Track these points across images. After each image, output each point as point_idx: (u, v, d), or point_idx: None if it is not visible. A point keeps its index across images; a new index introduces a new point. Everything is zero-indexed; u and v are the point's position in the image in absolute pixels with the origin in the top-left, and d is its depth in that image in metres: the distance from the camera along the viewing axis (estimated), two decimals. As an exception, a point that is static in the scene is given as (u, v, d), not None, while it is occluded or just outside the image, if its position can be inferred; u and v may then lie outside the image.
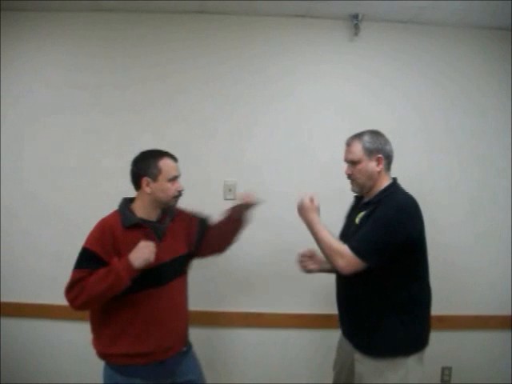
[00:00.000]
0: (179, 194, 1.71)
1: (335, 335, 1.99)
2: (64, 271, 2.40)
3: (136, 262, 1.54)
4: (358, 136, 1.79)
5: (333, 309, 1.95)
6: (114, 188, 2.37)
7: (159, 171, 1.66)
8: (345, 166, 1.83)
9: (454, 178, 2.50)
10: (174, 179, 1.69)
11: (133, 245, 1.59)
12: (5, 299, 2.42)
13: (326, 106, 2.46)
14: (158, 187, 1.66)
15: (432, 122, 2.49)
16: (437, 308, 2.45)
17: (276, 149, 2.46)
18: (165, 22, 2.42)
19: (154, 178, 1.66)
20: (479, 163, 2.50)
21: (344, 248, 1.65)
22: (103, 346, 1.69)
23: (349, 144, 1.81)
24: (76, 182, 2.44)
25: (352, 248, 1.64)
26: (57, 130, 2.44)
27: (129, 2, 2.32)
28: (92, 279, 1.57)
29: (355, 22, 2.39)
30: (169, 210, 1.75)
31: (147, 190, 1.66)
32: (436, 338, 2.47)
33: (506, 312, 2.50)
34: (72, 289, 1.59)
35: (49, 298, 2.42)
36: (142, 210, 1.70)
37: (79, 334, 2.44)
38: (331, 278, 1.94)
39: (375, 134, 1.80)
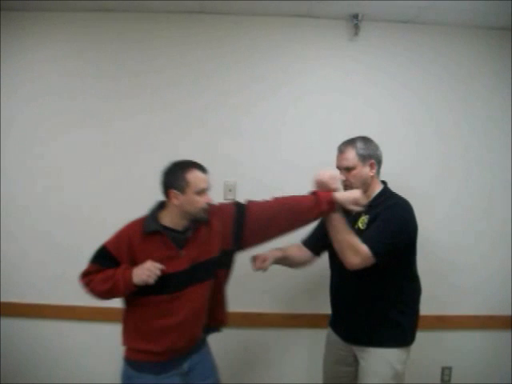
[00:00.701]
0: (208, 206, 1.67)
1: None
2: (64, 272, 2.44)
3: (135, 278, 1.59)
4: (351, 143, 1.85)
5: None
6: (114, 189, 2.43)
7: (187, 184, 1.62)
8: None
9: (461, 176, 2.50)
10: (202, 192, 1.65)
11: (149, 252, 1.63)
12: (5, 299, 2.42)
13: (326, 106, 2.46)
14: (185, 200, 1.63)
15: (433, 122, 2.49)
16: (437, 308, 2.48)
17: (276, 147, 2.46)
18: (164, 21, 2.42)
19: (182, 191, 1.63)
20: (483, 158, 2.51)
21: (363, 246, 1.69)
22: (123, 339, 1.74)
23: (342, 151, 1.84)
24: (75, 183, 2.45)
25: (371, 248, 1.69)
26: (57, 128, 2.44)
27: (128, 2, 2.32)
28: (98, 277, 1.65)
29: (355, 22, 2.39)
30: (197, 220, 1.69)
31: (175, 202, 1.64)
32: (436, 337, 2.51)
33: (506, 312, 2.50)
34: (83, 277, 1.69)
35: (49, 298, 2.43)
36: (168, 219, 1.68)
37: (79, 334, 2.46)
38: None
39: (366, 139, 1.87)
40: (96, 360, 2.46)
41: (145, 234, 1.65)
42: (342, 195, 1.71)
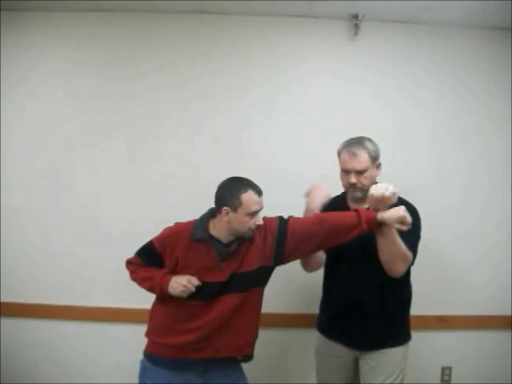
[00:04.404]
0: (256, 227, 1.69)
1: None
2: (65, 271, 2.43)
3: (170, 289, 1.67)
4: (361, 144, 1.81)
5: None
6: (115, 189, 2.44)
7: (240, 204, 1.64)
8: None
9: (460, 176, 2.50)
10: (254, 214, 1.66)
11: (192, 258, 1.69)
12: (5, 299, 2.42)
13: (326, 105, 2.46)
14: (236, 218, 1.65)
15: (432, 122, 2.49)
16: (437, 308, 2.48)
17: (275, 147, 2.45)
18: (164, 21, 2.42)
19: (234, 210, 1.64)
20: (482, 158, 2.51)
21: (410, 255, 1.71)
22: (146, 331, 1.80)
23: (356, 154, 1.80)
24: (75, 183, 2.45)
25: (413, 253, 1.72)
26: (56, 127, 2.44)
27: (128, 2, 2.32)
28: (140, 273, 1.76)
29: (355, 22, 2.39)
30: (242, 238, 1.71)
31: (225, 218, 1.66)
32: (436, 337, 2.51)
33: (506, 312, 2.50)
34: (127, 264, 1.81)
35: (49, 298, 2.43)
36: (216, 230, 1.71)
37: (79, 334, 2.46)
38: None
39: (372, 140, 1.85)
40: (96, 360, 2.47)
41: (191, 240, 1.69)
42: (387, 214, 1.62)
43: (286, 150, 2.46)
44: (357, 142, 1.82)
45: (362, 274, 1.80)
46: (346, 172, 1.83)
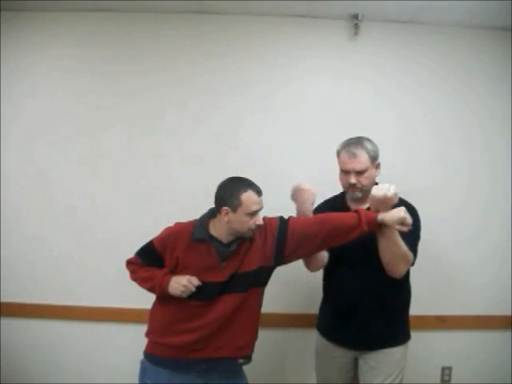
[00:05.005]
0: (256, 227, 1.69)
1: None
2: (64, 271, 2.43)
3: (170, 289, 1.68)
4: (360, 145, 1.81)
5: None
6: (112, 191, 2.44)
7: (239, 204, 1.64)
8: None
9: (463, 175, 2.50)
10: (253, 214, 1.67)
11: (193, 258, 1.70)
12: (5, 299, 2.42)
13: (325, 105, 2.46)
14: (236, 218, 1.65)
15: (432, 122, 2.49)
16: (437, 308, 2.48)
17: (273, 145, 2.45)
18: (164, 21, 2.43)
19: (234, 210, 1.64)
20: (485, 157, 2.51)
21: (411, 255, 1.72)
22: (146, 332, 1.80)
23: (356, 154, 1.79)
24: (72, 185, 2.45)
25: (414, 253, 1.73)
26: (56, 127, 2.44)
27: (128, 2, 2.32)
28: (140, 273, 1.76)
29: (355, 22, 2.40)
30: (242, 237, 1.72)
31: (225, 218, 1.66)
32: (436, 337, 2.51)
33: (506, 312, 2.50)
34: (128, 264, 1.81)
35: (49, 298, 2.43)
36: (216, 230, 1.71)
37: (79, 334, 2.46)
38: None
39: (370, 140, 1.85)
40: (96, 360, 2.47)
41: (192, 240, 1.70)
42: (388, 216, 1.61)
43: (285, 149, 2.45)
44: (356, 143, 1.82)
45: (363, 274, 1.81)
46: (345, 172, 1.82)
